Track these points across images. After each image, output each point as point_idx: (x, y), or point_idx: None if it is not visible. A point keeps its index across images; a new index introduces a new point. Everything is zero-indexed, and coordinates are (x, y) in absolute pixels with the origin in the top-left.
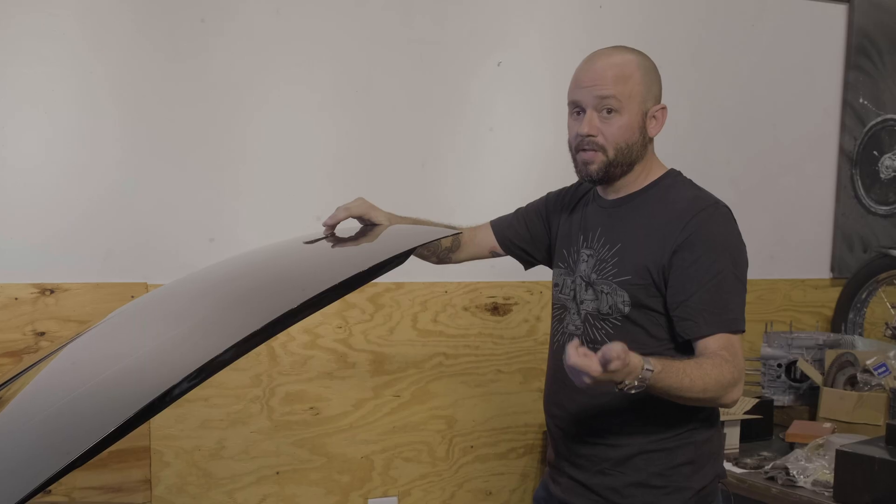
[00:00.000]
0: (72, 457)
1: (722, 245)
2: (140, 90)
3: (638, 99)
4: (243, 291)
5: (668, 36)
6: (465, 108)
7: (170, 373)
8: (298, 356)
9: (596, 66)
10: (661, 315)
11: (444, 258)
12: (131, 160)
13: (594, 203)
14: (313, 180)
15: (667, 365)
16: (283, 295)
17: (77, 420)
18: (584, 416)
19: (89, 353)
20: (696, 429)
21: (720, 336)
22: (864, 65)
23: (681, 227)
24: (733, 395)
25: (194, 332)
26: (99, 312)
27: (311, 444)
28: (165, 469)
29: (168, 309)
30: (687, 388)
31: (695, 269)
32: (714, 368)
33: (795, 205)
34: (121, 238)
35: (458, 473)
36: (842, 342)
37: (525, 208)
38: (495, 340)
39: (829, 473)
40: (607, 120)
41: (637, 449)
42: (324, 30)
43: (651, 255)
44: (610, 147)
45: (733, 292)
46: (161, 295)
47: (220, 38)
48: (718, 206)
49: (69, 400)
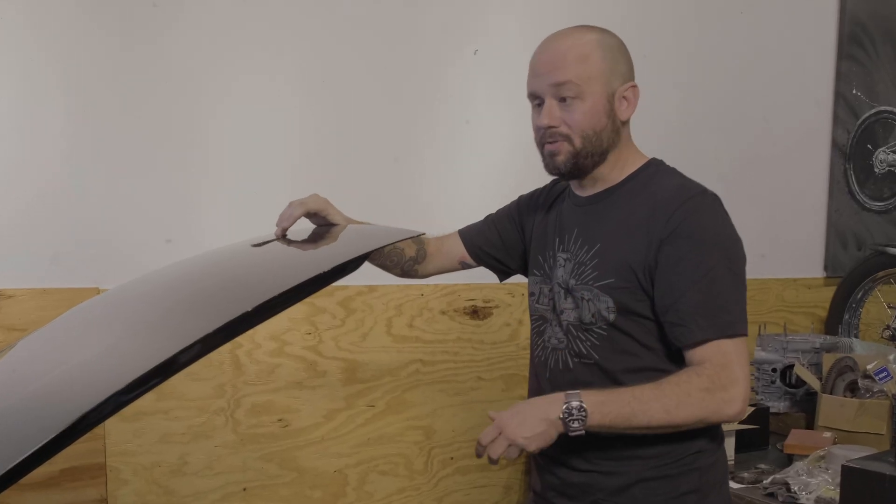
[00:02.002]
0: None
1: (713, 237)
2: (88, 78)
3: (601, 80)
4: (183, 299)
5: (654, 25)
6: (441, 99)
7: (101, 385)
8: (265, 364)
9: (550, 50)
10: (651, 321)
11: (409, 270)
12: (79, 154)
13: (569, 201)
14: (278, 176)
15: (603, 394)
16: (225, 304)
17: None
18: (574, 440)
19: (28, 361)
20: (700, 452)
21: (712, 344)
22: (857, 54)
23: (665, 220)
24: (729, 407)
25: (122, 342)
26: (46, 320)
27: (280, 458)
28: (123, 487)
29: (100, 315)
30: (643, 412)
31: (683, 266)
32: (674, 386)
33: (787, 201)
34: (68, 239)
35: (437, 487)
36: (839, 345)
37: (496, 214)
38: (475, 346)
39: (833, 490)
40: (568, 107)
41: (635, 477)
42: (288, 14)
43: (634, 254)
44: (575, 136)
45: (729, 290)
46: (91, 303)
47: (174, 24)
48: (706, 194)
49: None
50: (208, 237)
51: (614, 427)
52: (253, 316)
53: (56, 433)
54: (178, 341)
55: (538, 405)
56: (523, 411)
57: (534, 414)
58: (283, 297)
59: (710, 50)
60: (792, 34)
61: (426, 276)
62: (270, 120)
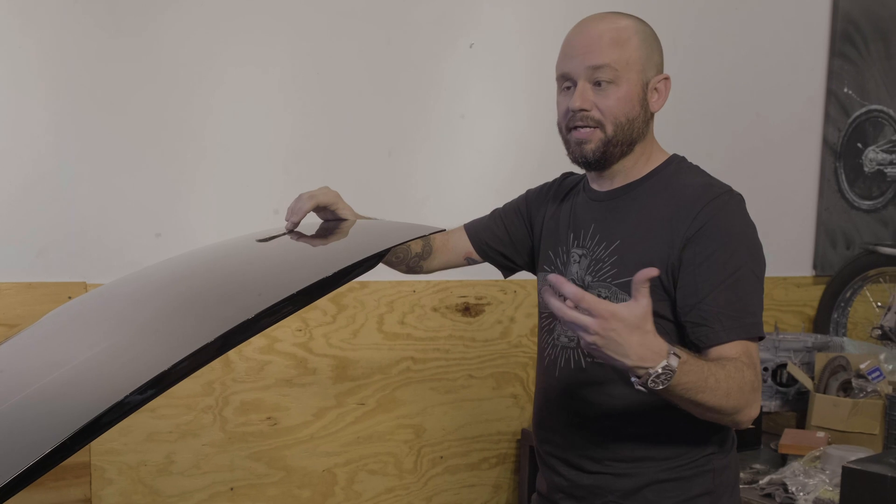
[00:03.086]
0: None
1: (739, 237)
2: (75, 69)
3: (637, 67)
4: (191, 297)
5: (649, 20)
6: (435, 94)
7: (113, 386)
8: (254, 362)
9: (587, 32)
10: (670, 322)
11: (415, 266)
12: (66, 146)
13: (584, 196)
14: (270, 170)
15: (691, 358)
16: (238, 301)
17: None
18: (585, 440)
19: (19, 361)
20: (713, 454)
21: (738, 343)
22: (849, 52)
23: (691, 218)
24: (754, 409)
25: (136, 340)
26: (32, 315)
27: (268, 457)
28: (108, 487)
29: (107, 313)
30: (711, 389)
31: (709, 266)
32: (736, 371)
33: (778, 199)
34: (56, 232)
35: (426, 486)
36: (831, 344)
37: (503, 208)
38: (467, 343)
39: (831, 490)
40: (602, 92)
41: (648, 478)
42: (281, 6)
43: (657, 252)
44: (608, 122)
45: (753, 292)
46: (99, 296)
47: (164, 14)
48: (732, 193)
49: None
50: (198, 231)
51: (675, 395)
52: (257, 321)
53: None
54: (185, 348)
55: (642, 342)
56: (629, 332)
57: (627, 346)
58: (298, 297)
59: (704, 45)
60: (785, 31)
61: (430, 273)
62: (262, 113)
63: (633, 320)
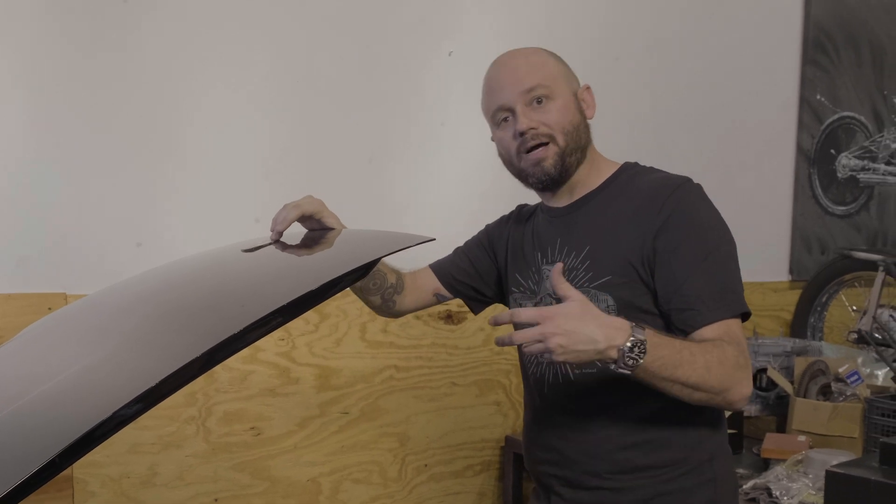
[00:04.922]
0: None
1: (707, 221)
2: (55, 75)
3: (563, 80)
4: (178, 308)
5: (624, 26)
6: (415, 101)
7: (100, 401)
8: (237, 372)
9: (508, 65)
10: (655, 316)
11: (389, 300)
12: (43, 155)
13: (543, 216)
14: (251, 178)
15: (658, 333)
16: (225, 313)
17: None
18: (581, 453)
19: (2, 375)
20: (713, 461)
21: (718, 325)
22: (821, 60)
23: (657, 210)
24: (745, 387)
25: (119, 354)
26: (11, 328)
27: (252, 467)
28: (90, 500)
29: (88, 325)
30: (689, 363)
31: (682, 252)
32: (714, 347)
33: (754, 204)
34: (35, 243)
35: (411, 494)
36: (809, 349)
37: (464, 245)
38: (449, 351)
39: (814, 494)
40: (542, 108)
41: (651, 491)
42: (261, 13)
43: (629, 248)
44: (558, 133)
45: (729, 270)
46: (80, 309)
47: (143, 22)
48: (692, 182)
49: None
50: (179, 240)
51: (656, 374)
52: (243, 335)
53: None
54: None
55: (601, 323)
56: (581, 320)
57: (590, 332)
58: (287, 309)
59: (679, 53)
60: (758, 39)
61: (402, 313)
62: (242, 120)
63: (575, 307)
